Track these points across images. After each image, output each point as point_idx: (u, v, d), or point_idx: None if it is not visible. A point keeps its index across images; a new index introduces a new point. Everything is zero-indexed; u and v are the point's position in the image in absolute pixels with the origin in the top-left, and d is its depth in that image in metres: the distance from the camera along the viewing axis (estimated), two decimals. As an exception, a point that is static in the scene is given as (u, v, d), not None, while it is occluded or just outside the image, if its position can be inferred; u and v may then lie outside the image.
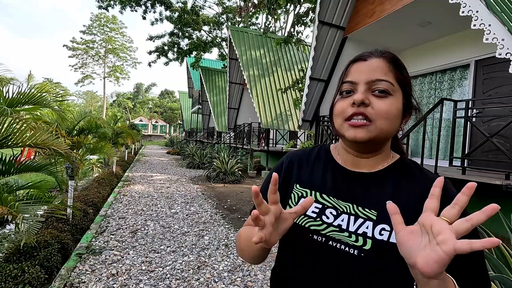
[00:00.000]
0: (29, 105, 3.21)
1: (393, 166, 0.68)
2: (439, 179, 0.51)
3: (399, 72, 0.64)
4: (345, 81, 0.64)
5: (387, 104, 0.60)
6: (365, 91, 0.61)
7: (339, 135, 0.66)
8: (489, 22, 2.97)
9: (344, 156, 0.71)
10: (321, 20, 5.69)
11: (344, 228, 0.64)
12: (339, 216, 0.65)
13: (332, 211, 0.66)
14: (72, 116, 5.85)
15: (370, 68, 0.62)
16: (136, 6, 17.62)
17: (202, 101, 20.43)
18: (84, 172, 7.70)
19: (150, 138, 41.02)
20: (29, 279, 2.34)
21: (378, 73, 0.61)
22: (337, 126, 0.65)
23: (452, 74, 5.42)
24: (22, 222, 2.12)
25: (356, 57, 0.66)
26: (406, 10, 4.53)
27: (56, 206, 3.06)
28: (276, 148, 10.71)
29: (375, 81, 0.61)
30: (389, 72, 0.62)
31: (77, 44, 39.23)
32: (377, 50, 0.65)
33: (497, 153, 3.83)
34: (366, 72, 0.62)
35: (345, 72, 0.66)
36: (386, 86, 0.61)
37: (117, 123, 11.94)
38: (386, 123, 0.60)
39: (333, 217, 0.65)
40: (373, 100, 0.60)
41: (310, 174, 0.72)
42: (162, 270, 2.91)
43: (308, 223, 0.67)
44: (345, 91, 0.64)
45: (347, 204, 0.66)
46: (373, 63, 0.63)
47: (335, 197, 0.67)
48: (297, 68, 12.11)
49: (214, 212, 5.19)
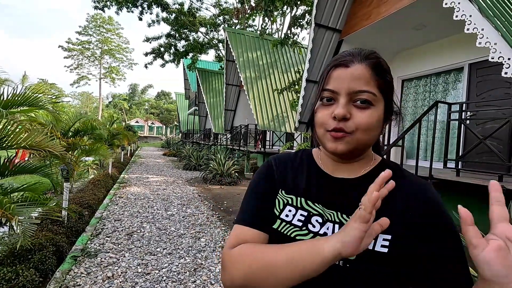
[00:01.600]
0: (24, 106, 3.19)
1: (374, 171, 0.66)
2: (493, 182, 0.47)
3: (382, 80, 0.61)
4: (326, 89, 0.61)
5: (367, 116, 0.59)
6: (346, 104, 0.59)
7: (321, 144, 0.65)
8: (482, 27, 3.01)
9: (327, 162, 0.70)
10: (318, 22, 5.73)
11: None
12: (325, 224, 0.63)
13: (318, 218, 0.64)
14: (68, 117, 5.82)
15: (352, 77, 0.59)
16: (132, 7, 17.59)
17: (199, 102, 20.41)
18: (79, 174, 7.64)
19: (146, 139, 40.85)
20: (24, 282, 2.32)
21: (361, 83, 0.59)
22: (320, 136, 0.63)
23: (447, 77, 5.49)
24: (18, 224, 2.10)
25: (337, 60, 0.62)
26: (402, 13, 4.58)
27: (51, 208, 3.03)
28: (272, 149, 10.72)
29: (357, 92, 0.59)
30: (372, 81, 0.60)
31: (72, 45, 39.03)
32: (361, 53, 0.62)
33: (491, 155, 3.88)
34: (348, 81, 0.59)
35: (326, 76, 0.62)
36: (367, 97, 0.59)
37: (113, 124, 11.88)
38: (366, 135, 0.60)
39: (319, 225, 0.63)
40: (354, 112, 0.59)
41: (294, 180, 0.69)
42: (158, 273, 2.90)
43: (294, 233, 0.63)
44: (325, 98, 0.62)
45: (332, 212, 0.64)
46: (355, 71, 0.59)
47: (320, 204, 0.65)
48: (294, 70, 12.16)
49: (211, 214, 5.18)
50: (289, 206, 0.66)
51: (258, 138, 11.24)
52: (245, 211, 0.68)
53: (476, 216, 2.03)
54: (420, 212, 0.60)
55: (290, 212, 0.65)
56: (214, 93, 17.76)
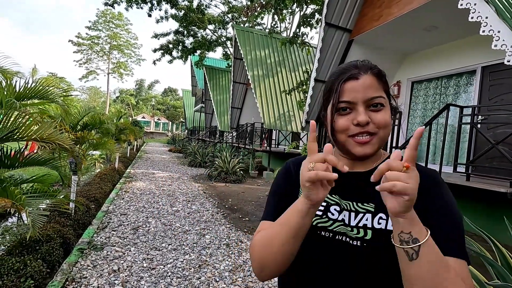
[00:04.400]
0: (35, 99, 3.23)
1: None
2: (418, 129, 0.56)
3: (386, 84, 0.72)
4: (342, 101, 0.69)
5: (383, 115, 0.68)
6: (365, 110, 0.68)
7: (344, 150, 0.73)
8: (498, 29, 2.95)
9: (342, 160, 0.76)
10: (328, 22, 5.69)
11: (347, 222, 0.71)
12: (342, 212, 0.72)
13: (336, 207, 0.73)
14: (76, 111, 5.87)
15: (364, 87, 0.68)
16: (142, 3, 17.65)
17: (205, 99, 20.46)
18: (86, 167, 7.73)
19: (152, 135, 41.10)
20: (31, 272, 2.34)
21: (372, 90, 0.68)
22: (342, 142, 0.71)
23: (458, 79, 5.40)
24: (28, 215, 2.12)
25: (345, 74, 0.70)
26: (413, 14, 4.52)
27: (60, 201, 3.07)
28: (278, 148, 10.70)
29: (372, 99, 0.68)
30: (380, 87, 0.70)
31: (82, 40, 39.37)
32: (364, 65, 0.71)
33: (502, 160, 3.81)
34: (362, 92, 0.68)
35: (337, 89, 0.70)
36: (380, 101, 0.69)
37: (121, 119, 11.98)
38: (385, 132, 0.69)
39: (337, 213, 0.72)
40: (372, 115, 0.68)
41: None
42: (163, 268, 2.91)
43: (316, 221, 0.72)
44: (341, 109, 0.70)
45: (348, 202, 0.72)
46: (365, 82, 0.68)
47: (337, 195, 0.74)
48: (302, 70, 12.10)
49: (215, 211, 5.19)
50: None
51: (264, 136, 11.23)
52: (268, 210, 0.79)
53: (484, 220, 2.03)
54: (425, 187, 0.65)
55: None
56: (220, 91, 17.78)
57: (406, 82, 6.32)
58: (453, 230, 0.64)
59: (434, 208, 0.66)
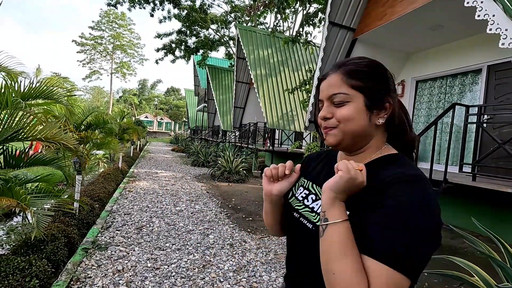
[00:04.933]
0: (40, 99, 3.23)
1: (373, 162, 0.75)
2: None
3: (353, 81, 0.73)
4: (318, 99, 0.79)
5: (345, 110, 0.72)
6: (328, 106, 0.75)
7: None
8: (506, 27, 2.91)
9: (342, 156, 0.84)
10: (331, 20, 5.65)
11: (315, 210, 0.77)
12: (317, 201, 0.79)
13: (313, 196, 0.81)
14: (80, 111, 5.89)
15: (328, 85, 0.75)
16: (144, 3, 17.68)
17: (208, 99, 20.46)
18: (90, 167, 7.75)
19: (155, 135, 41.24)
20: (36, 272, 2.35)
21: (334, 87, 0.74)
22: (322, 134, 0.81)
23: (463, 78, 5.35)
24: (33, 215, 2.13)
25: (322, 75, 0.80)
26: (418, 13, 4.48)
27: (64, 200, 3.07)
28: (281, 148, 10.68)
29: (332, 96, 0.74)
30: (343, 84, 0.73)
31: (85, 40, 39.55)
32: (338, 64, 0.77)
33: (508, 160, 3.77)
34: (326, 90, 0.75)
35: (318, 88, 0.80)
36: (340, 97, 0.73)
37: (124, 118, 12.01)
38: (348, 125, 0.72)
39: (311, 201, 0.80)
40: (334, 110, 0.74)
41: (313, 169, 0.90)
42: (168, 268, 2.91)
43: (295, 203, 0.85)
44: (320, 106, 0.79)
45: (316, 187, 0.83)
46: (330, 80, 0.75)
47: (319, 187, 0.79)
48: (305, 69, 12.06)
49: (219, 211, 5.18)
50: (301, 187, 0.88)
51: (267, 136, 11.21)
52: None
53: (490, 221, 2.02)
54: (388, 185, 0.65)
55: (299, 191, 0.87)
56: (223, 90, 17.77)
57: (410, 81, 6.27)
58: (384, 231, 0.59)
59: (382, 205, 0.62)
